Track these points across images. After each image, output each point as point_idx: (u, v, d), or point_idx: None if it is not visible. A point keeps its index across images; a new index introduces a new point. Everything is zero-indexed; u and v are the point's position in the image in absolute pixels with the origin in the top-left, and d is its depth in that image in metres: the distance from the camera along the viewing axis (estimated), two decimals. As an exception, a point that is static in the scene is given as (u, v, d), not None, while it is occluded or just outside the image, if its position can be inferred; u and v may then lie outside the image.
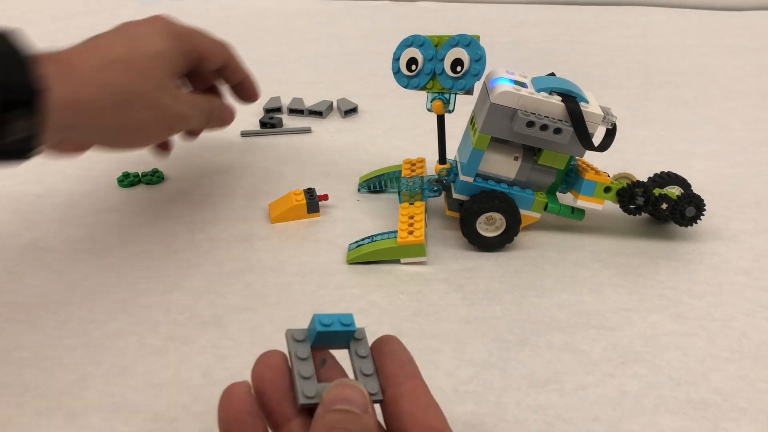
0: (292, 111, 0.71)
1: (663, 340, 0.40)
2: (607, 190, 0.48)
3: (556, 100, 0.45)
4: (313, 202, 0.52)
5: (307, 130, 0.67)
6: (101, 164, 0.60)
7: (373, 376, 0.27)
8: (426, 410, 0.26)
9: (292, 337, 0.27)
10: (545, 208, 0.49)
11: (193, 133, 0.55)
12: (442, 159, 0.50)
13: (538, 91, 0.45)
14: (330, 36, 1.01)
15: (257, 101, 0.57)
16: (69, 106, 0.36)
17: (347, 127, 0.69)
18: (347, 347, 0.28)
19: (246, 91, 0.54)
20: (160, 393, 0.36)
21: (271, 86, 0.78)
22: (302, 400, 0.25)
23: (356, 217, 0.52)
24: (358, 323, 0.42)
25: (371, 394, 0.26)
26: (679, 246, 0.49)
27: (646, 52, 0.92)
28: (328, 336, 0.27)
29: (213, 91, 0.54)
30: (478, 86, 0.47)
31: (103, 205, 0.54)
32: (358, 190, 0.56)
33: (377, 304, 0.43)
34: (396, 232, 0.47)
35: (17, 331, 0.41)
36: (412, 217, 0.48)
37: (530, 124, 0.44)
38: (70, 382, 0.37)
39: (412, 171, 0.54)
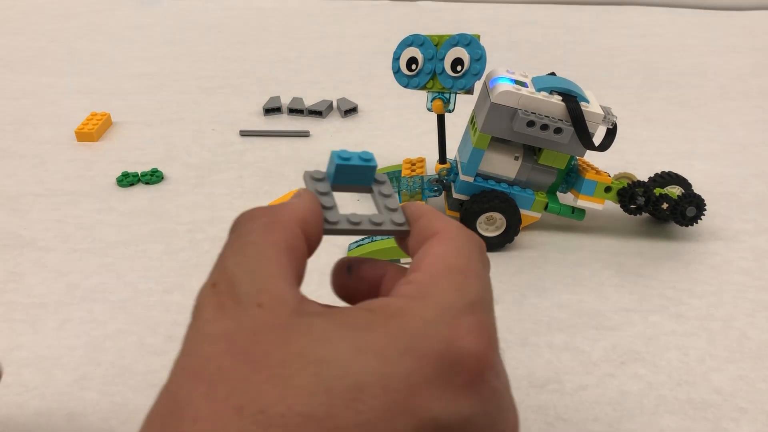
0: (292, 111, 0.71)
1: (663, 340, 0.39)
2: (608, 189, 0.48)
3: (557, 99, 0.44)
4: (313, 201, 0.52)
5: (306, 134, 0.67)
6: (100, 164, 0.60)
7: (399, 211, 0.25)
8: (453, 251, 0.22)
9: (310, 177, 0.25)
10: (545, 208, 0.49)
11: None
12: (443, 159, 0.50)
13: (539, 90, 0.45)
14: (330, 36, 1.01)
15: (257, 101, 0.56)
16: None
17: (347, 127, 0.69)
18: (370, 190, 0.27)
19: None
20: (159, 393, 0.36)
21: (271, 86, 0.78)
22: (325, 226, 0.24)
23: (356, 217, 0.52)
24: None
25: (398, 224, 0.24)
26: (679, 246, 0.49)
27: (647, 52, 0.92)
28: (348, 172, 0.26)
29: None
30: (478, 86, 0.47)
31: (103, 204, 0.54)
32: (358, 189, 0.56)
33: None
34: (396, 231, 0.47)
35: (17, 331, 0.41)
36: (412, 217, 0.48)
37: (530, 123, 0.44)
38: (69, 382, 0.37)
39: (412, 171, 0.54)
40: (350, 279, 0.26)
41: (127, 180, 0.57)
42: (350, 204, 0.54)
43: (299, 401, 0.16)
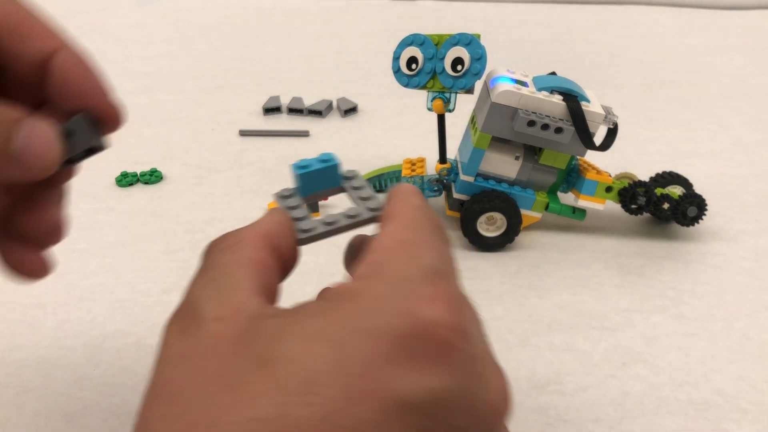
0: (292, 110, 0.71)
1: (664, 340, 0.39)
2: (609, 189, 0.48)
3: (557, 99, 0.44)
4: (313, 201, 0.51)
5: (305, 134, 0.67)
6: (99, 164, 0.60)
7: (374, 198, 0.25)
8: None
9: (279, 196, 0.25)
10: (546, 208, 0.48)
11: None
12: (443, 158, 0.50)
13: (539, 90, 0.45)
14: (330, 35, 1.01)
15: (257, 101, 0.56)
16: None
17: (347, 127, 0.69)
18: (343, 189, 0.26)
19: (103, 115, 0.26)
20: (158, 394, 0.35)
21: (271, 86, 0.78)
22: (301, 236, 0.23)
23: (356, 217, 0.52)
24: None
25: (374, 209, 0.24)
26: (680, 246, 0.48)
27: (648, 52, 0.92)
28: (312, 179, 0.25)
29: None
30: (478, 85, 0.47)
31: (102, 204, 0.54)
32: (358, 189, 0.56)
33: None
34: (396, 232, 0.47)
35: (16, 331, 0.40)
36: (412, 217, 0.48)
37: (531, 123, 0.44)
38: (68, 382, 0.36)
39: (413, 171, 0.54)
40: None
41: (126, 180, 0.57)
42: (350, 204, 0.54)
43: (249, 405, 0.16)
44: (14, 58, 0.23)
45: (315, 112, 0.71)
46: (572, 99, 0.45)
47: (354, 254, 0.25)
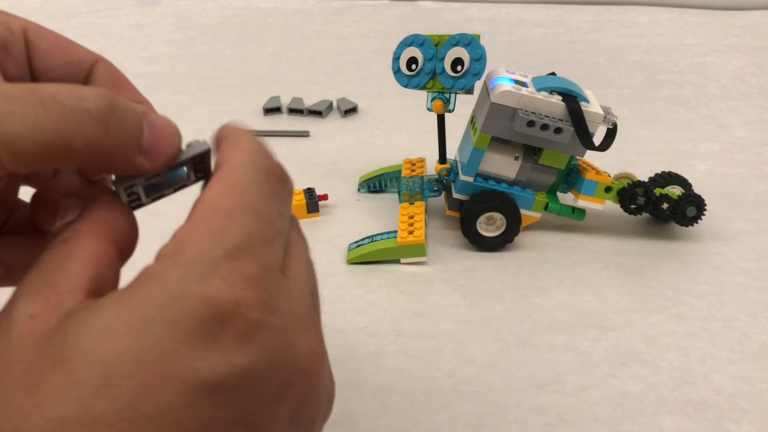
0: (292, 111, 0.71)
1: (664, 340, 0.39)
2: (608, 189, 0.48)
3: (557, 99, 0.44)
4: (312, 202, 0.51)
5: (305, 134, 0.67)
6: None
7: (201, 141, 0.22)
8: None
9: (118, 182, 0.22)
10: (546, 208, 0.49)
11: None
12: (443, 159, 0.50)
13: (539, 90, 0.45)
14: (330, 36, 1.01)
15: (257, 101, 0.56)
16: None
17: (347, 127, 0.69)
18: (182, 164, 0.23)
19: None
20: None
21: (271, 86, 0.78)
22: (133, 201, 0.22)
23: (356, 217, 0.52)
24: (358, 324, 0.42)
25: (196, 148, 0.22)
26: (680, 246, 0.48)
27: (647, 52, 0.92)
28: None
29: None
30: (478, 86, 0.47)
31: (103, 204, 0.54)
32: (358, 190, 0.56)
33: (377, 304, 0.42)
34: (396, 232, 0.47)
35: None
36: (412, 217, 0.48)
37: (531, 123, 0.44)
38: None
39: (412, 171, 0.54)
40: None
41: (127, 180, 0.57)
42: (350, 204, 0.54)
43: (52, 405, 0.16)
44: (56, 73, 0.23)
45: (315, 113, 0.71)
46: (572, 99, 0.45)
47: None
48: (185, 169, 0.23)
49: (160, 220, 0.56)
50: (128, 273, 0.21)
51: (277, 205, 0.20)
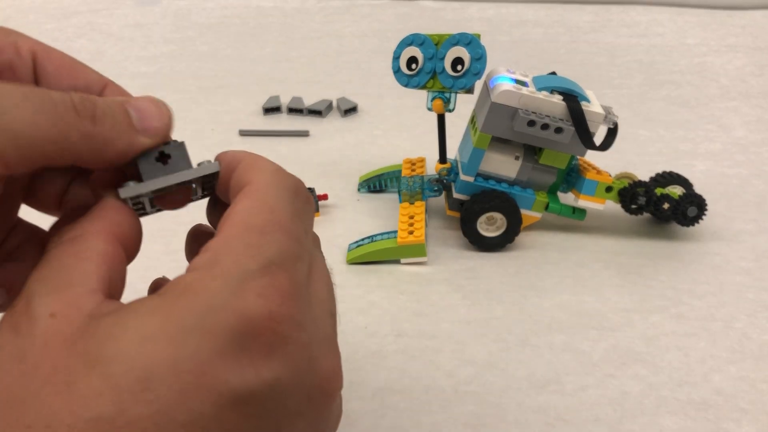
0: (292, 110, 0.71)
1: (664, 340, 0.39)
2: (609, 189, 0.48)
3: (557, 99, 0.44)
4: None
5: (305, 134, 0.67)
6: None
7: (213, 162, 0.23)
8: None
9: (123, 189, 0.21)
10: (546, 208, 0.48)
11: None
12: (443, 158, 0.50)
13: (539, 90, 0.45)
14: (330, 36, 1.01)
15: (257, 101, 0.56)
16: None
17: (347, 127, 0.69)
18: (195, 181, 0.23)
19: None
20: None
21: (271, 85, 0.78)
22: (135, 202, 0.22)
23: (356, 217, 0.52)
24: (358, 324, 0.42)
25: (206, 167, 0.22)
26: (680, 246, 0.48)
27: (647, 52, 0.92)
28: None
29: None
30: (478, 85, 0.47)
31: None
32: (358, 190, 0.56)
33: (377, 304, 0.42)
34: (396, 232, 0.47)
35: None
36: (412, 217, 0.48)
37: (531, 123, 0.44)
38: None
39: (413, 171, 0.54)
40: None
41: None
42: (350, 204, 0.54)
43: (86, 406, 0.16)
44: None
45: (315, 112, 0.71)
46: (572, 99, 0.45)
47: (196, 240, 0.25)
48: (194, 185, 0.23)
49: (162, 221, 0.55)
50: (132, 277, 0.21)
51: (303, 224, 0.21)
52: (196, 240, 0.26)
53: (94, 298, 0.18)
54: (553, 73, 0.48)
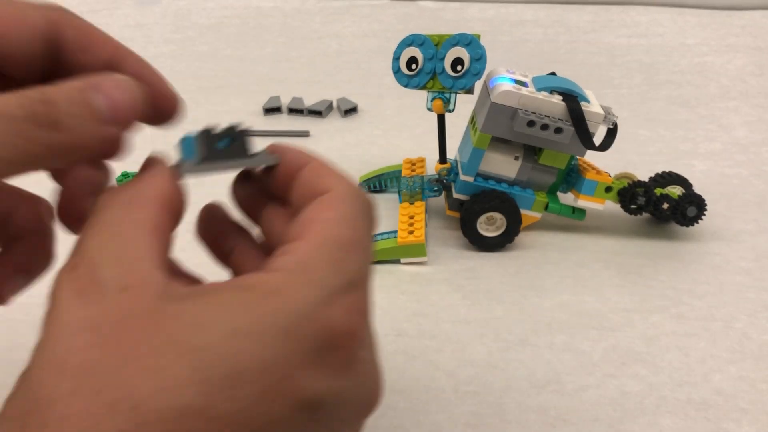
0: (292, 110, 0.71)
1: (664, 340, 0.39)
2: (608, 189, 0.48)
3: (557, 99, 0.44)
4: (313, 201, 0.51)
5: (305, 134, 0.67)
6: (101, 164, 0.60)
7: (270, 153, 0.24)
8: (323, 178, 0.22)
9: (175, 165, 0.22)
10: (546, 208, 0.48)
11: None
12: (443, 159, 0.50)
13: (539, 90, 0.45)
14: (330, 36, 1.01)
15: (257, 101, 0.56)
16: None
17: (347, 127, 0.69)
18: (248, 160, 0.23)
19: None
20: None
21: (271, 86, 0.78)
22: (187, 172, 0.23)
23: (356, 217, 0.52)
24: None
25: (267, 157, 0.23)
26: (680, 246, 0.48)
27: (647, 52, 0.92)
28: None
29: None
30: (478, 86, 0.47)
31: (103, 204, 0.54)
32: (358, 189, 0.56)
33: (377, 304, 0.42)
34: (396, 232, 0.47)
35: (16, 331, 0.40)
36: (412, 217, 0.48)
37: (531, 123, 0.44)
38: (68, 382, 0.37)
39: (413, 171, 0.54)
40: (251, 188, 0.25)
41: (127, 180, 0.57)
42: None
43: (175, 394, 0.16)
44: (81, 69, 0.24)
45: (315, 113, 0.71)
46: (572, 99, 0.45)
47: (211, 220, 0.26)
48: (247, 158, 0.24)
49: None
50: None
51: (371, 243, 0.22)
52: (211, 220, 0.27)
53: (161, 275, 0.18)
54: (553, 74, 0.48)
